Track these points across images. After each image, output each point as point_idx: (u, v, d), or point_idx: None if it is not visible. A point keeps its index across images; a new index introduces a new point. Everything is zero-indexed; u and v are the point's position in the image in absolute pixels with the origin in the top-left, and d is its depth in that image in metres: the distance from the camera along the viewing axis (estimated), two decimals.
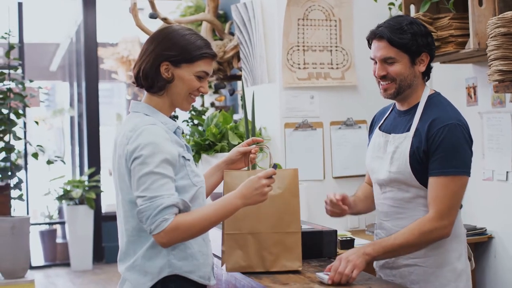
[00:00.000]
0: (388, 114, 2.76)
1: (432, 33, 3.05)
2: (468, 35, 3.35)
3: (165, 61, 2.32)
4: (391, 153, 2.60)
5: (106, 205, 8.80)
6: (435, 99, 2.61)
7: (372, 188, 2.83)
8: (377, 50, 2.60)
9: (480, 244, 3.79)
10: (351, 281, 2.37)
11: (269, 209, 2.57)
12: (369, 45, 2.66)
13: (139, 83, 2.38)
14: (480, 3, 3.28)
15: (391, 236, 2.51)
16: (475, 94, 3.83)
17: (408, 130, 2.57)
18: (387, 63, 2.57)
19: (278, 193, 2.57)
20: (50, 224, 8.98)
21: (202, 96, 6.31)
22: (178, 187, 2.26)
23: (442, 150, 2.46)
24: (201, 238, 2.35)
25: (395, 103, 2.74)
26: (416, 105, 2.61)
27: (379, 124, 2.76)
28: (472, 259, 2.73)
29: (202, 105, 6.24)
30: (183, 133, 2.44)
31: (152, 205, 2.16)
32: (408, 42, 2.54)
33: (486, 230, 3.78)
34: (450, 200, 2.46)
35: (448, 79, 4.02)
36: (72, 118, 9.94)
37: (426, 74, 2.65)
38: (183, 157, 2.31)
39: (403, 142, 2.57)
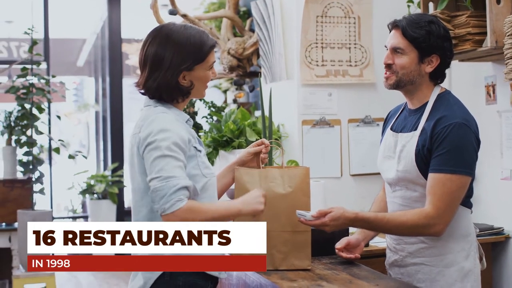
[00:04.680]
0: (400, 113, 2.75)
1: (450, 31, 3.00)
2: (485, 33, 3.32)
3: (182, 71, 2.34)
4: (398, 152, 2.60)
5: (129, 200, 8.83)
6: (444, 98, 2.58)
7: None
8: (390, 38, 2.62)
9: (497, 244, 3.75)
10: None
11: (279, 208, 2.57)
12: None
13: (160, 96, 2.37)
14: (498, 1, 3.24)
15: (384, 217, 2.51)
16: (494, 92, 3.79)
17: (415, 129, 2.56)
18: (396, 52, 2.57)
19: (289, 191, 2.58)
20: (74, 218, 9.07)
21: (224, 92, 6.32)
22: (189, 176, 2.29)
23: (443, 147, 2.44)
24: None
25: (406, 102, 2.72)
26: (426, 104, 2.59)
27: (391, 124, 2.74)
28: (484, 259, 2.70)
29: (225, 101, 6.24)
30: (199, 128, 2.46)
31: (168, 184, 2.18)
32: (420, 37, 2.52)
33: (503, 229, 3.74)
34: (446, 198, 2.43)
35: (467, 78, 3.98)
36: (97, 113, 10.03)
37: (436, 76, 2.61)
38: (195, 147, 2.34)
39: (410, 141, 2.56)
